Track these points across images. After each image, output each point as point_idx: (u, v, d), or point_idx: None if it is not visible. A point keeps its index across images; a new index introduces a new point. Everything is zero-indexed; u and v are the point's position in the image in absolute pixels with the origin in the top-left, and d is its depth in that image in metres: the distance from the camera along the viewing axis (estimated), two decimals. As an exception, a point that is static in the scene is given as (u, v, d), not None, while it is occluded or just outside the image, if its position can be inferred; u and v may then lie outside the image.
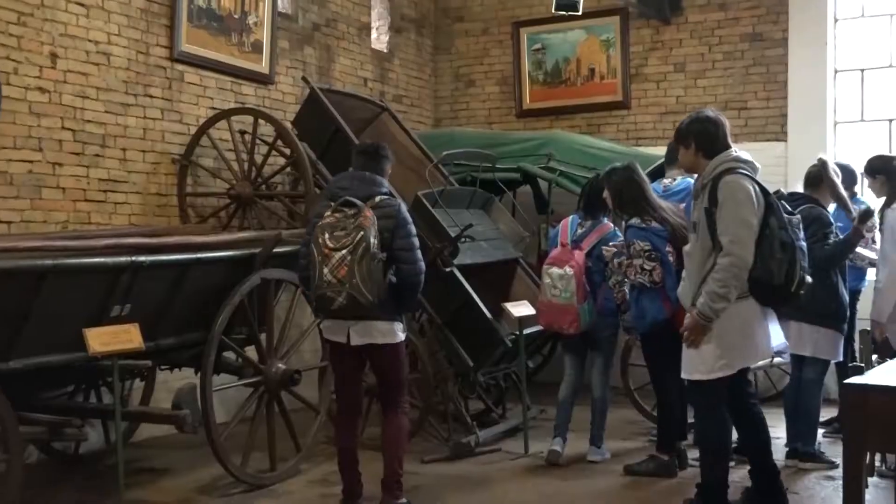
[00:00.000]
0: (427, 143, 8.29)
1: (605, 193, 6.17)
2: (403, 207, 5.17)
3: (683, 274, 5.23)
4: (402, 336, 5.22)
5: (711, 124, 5.11)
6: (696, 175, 6.57)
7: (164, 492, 5.88)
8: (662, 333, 5.91)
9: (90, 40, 7.09)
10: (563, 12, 8.95)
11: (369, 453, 6.69)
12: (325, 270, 4.81)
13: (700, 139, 5.10)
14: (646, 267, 5.86)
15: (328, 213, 4.95)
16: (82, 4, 7.02)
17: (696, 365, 5.02)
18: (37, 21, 6.70)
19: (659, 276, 5.86)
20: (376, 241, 4.84)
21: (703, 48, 10.07)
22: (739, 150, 5.14)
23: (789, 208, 5.66)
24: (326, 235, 4.86)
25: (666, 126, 9.76)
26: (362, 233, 4.81)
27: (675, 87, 10.18)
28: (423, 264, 5.15)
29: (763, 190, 4.96)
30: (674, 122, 9.72)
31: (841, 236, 6.21)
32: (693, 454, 5.83)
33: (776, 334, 5.16)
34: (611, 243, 6.26)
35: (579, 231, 6.48)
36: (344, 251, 4.80)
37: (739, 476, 5.45)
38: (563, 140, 8.78)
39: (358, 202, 4.91)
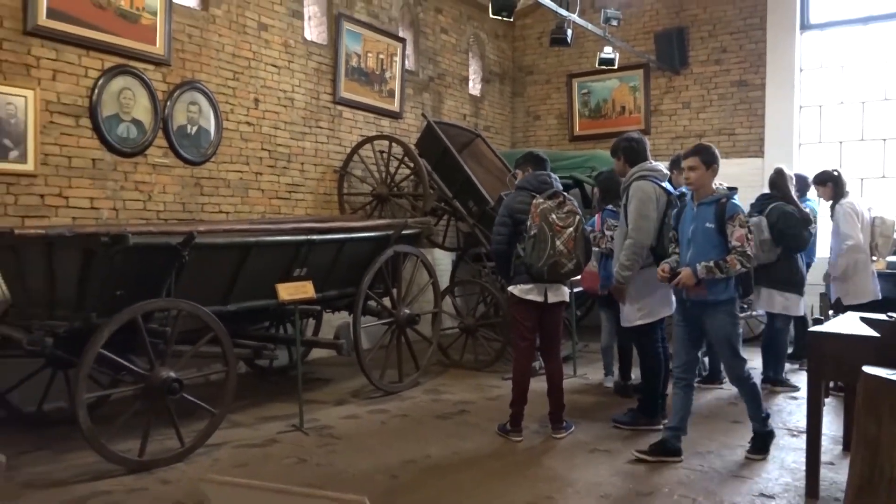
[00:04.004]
0: (507, 159, 8.18)
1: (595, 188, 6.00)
2: None
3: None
4: None
5: (634, 142, 4.97)
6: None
7: (327, 394, 5.98)
8: None
9: (281, 90, 7.20)
10: (604, 67, 8.78)
11: (468, 372, 6.72)
12: (558, 242, 4.46)
13: (626, 153, 4.96)
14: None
15: (541, 200, 4.56)
16: (276, 66, 7.13)
17: (628, 316, 5.01)
18: (245, 77, 6.83)
19: None
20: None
21: (703, 91, 9.74)
22: (655, 162, 4.98)
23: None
24: (554, 216, 4.51)
25: (676, 147, 9.47)
26: (579, 216, 4.61)
27: (683, 119, 9.87)
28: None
29: (666, 191, 4.84)
30: (682, 144, 9.55)
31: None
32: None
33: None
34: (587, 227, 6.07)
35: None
36: (570, 229, 4.53)
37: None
38: (602, 157, 8.53)
39: (564, 193, 4.68)
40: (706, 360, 6.37)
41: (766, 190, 6.18)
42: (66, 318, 4.13)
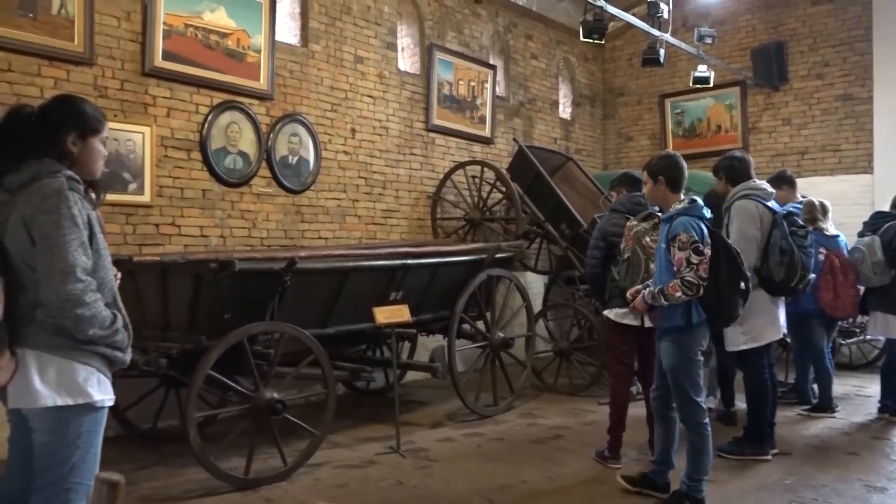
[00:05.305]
0: (599, 181, 8.03)
1: None
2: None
3: None
4: None
5: (736, 161, 4.74)
6: (803, 200, 6.04)
7: (423, 416, 5.95)
8: None
9: (376, 119, 7.33)
10: (698, 85, 8.48)
11: (563, 397, 6.59)
12: (652, 266, 4.10)
13: (727, 172, 4.75)
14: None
15: (635, 222, 4.31)
16: (371, 97, 7.27)
17: (732, 340, 4.68)
18: (343, 108, 7.00)
19: None
20: None
21: (805, 107, 9.27)
22: (758, 180, 4.69)
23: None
24: (648, 239, 4.23)
25: (776, 164, 9.02)
26: None
27: (783, 136, 9.42)
28: None
29: (771, 210, 4.53)
30: (783, 162, 9.12)
31: None
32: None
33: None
34: None
35: None
36: None
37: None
38: (698, 177, 8.18)
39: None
40: (815, 386, 5.98)
41: (878, 207, 5.78)
42: (178, 339, 4.30)
